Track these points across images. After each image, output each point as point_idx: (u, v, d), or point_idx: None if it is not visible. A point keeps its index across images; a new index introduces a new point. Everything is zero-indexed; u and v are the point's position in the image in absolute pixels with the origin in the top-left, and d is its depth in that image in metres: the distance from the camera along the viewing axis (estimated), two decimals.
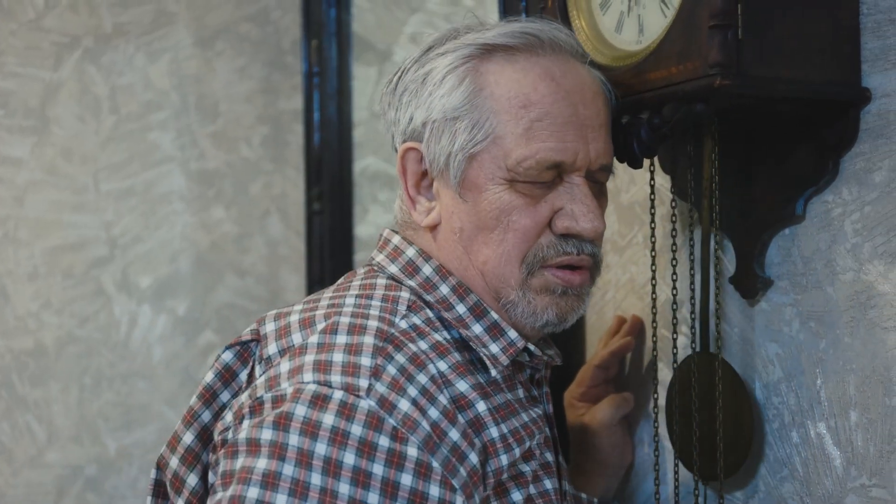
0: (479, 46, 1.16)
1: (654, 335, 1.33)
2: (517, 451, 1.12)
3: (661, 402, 1.36)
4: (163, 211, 2.21)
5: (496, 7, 1.69)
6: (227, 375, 1.14)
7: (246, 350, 1.14)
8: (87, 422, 2.14)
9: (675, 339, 1.31)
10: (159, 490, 1.18)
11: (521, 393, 1.19)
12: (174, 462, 1.14)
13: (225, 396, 1.14)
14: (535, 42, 1.16)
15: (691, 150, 1.28)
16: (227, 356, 1.14)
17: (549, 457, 1.20)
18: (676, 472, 1.32)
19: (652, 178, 1.31)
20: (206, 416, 1.14)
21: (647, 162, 1.28)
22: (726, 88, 1.10)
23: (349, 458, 1.00)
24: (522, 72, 1.15)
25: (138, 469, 2.17)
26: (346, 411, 1.02)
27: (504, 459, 1.11)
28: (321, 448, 1.00)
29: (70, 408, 2.14)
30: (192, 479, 1.13)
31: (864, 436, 1.17)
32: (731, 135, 1.26)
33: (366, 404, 1.03)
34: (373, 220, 2.21)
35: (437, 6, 2.13)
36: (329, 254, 2.18)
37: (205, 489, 1.13)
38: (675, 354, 1.31)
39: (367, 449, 1.01)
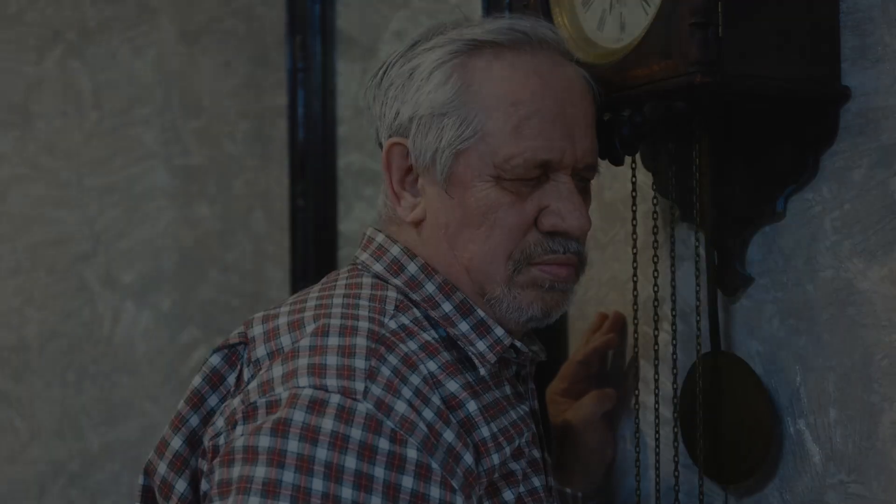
0: (467, 42, 1.15)
1: (636, 332, 1.34)
2: (507, 450, 1.12)
3: (647, 405, 1.36)
4: (146, 207, 2.20)
5: (480, 3, 1.69)
6: (215, 379, 1.13)
7: (234, 353, 1.13)
8: (69, 418, 2.14)
9: (656, 336, 1.32)
10: (147, 496, 1.16)
11: (507, 389, 1.19)
12: (162, 468, 1.13)
13: (213, 400, 1.12)
14: (524, 39, 1.16)
15: (672, 147, 1.29)
16: (215, 360, 1.13)
17: (536, 454, 1.19)
18: (657, 469, 1.32)
19: (633, 176, 1.31)
20: (195, 420, 1.13)
21: (628, 159, 1.28)
22: (706, 86, 1.10)
23: (350, 462, 1.00)
24: (511, 69, 1.14)
25: (121, 465, 2.16)
26: (344, 415, 1.01)
27: (496, 459, 1.11)
28: (322, 453, 0.99)
29: (53, 404, 2.13)
30: (181, 485, 1.12)
31: (842, 432, 1.18)
32: (712, 132, 1.27)
33: (363, 407, 1.02)
34: (357, 217, 2.20)
35: (421, 3, 2.13)
36: (313, 250, 2.18)
37: (194, 495, 1.12)
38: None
39: (367, 452, 1.00)
